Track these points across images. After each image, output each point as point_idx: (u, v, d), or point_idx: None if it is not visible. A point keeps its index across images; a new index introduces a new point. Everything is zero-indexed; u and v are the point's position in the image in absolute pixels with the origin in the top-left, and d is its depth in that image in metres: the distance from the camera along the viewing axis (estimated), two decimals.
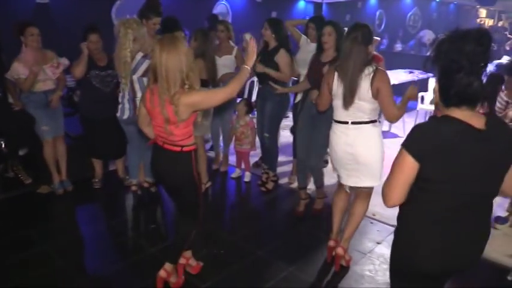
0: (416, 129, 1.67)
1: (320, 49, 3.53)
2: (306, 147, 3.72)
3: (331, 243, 3.23)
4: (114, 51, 3.54)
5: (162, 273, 2.76)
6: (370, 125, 2.85)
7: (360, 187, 3.03)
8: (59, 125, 4.09)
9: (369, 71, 2.71)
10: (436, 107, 1.75)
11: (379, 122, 2.99)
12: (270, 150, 4.40)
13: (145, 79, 3.45)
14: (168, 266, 2.78)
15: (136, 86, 3.56)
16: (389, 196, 1.72)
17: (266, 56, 4.06)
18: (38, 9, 5.55)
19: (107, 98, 3.90)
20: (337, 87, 2.82)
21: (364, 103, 2.77)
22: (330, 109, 3.09)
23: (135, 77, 3.53)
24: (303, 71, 3.97)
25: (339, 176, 3.12)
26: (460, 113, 1.60)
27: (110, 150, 4.23)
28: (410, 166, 1.64)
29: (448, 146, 1.57)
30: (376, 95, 2.73)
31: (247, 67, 2.50)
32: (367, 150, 2.87)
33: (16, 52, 3.82)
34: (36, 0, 5.52)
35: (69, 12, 5.67)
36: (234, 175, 4.73)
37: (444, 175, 1.60)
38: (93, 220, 3.93)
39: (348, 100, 2.75)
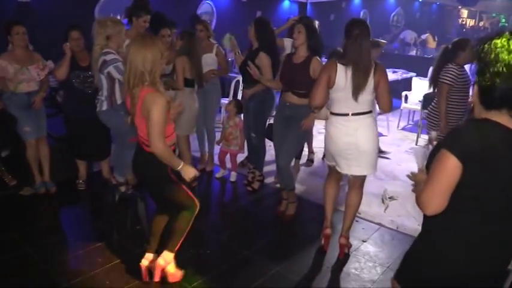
0: (458, 131, 1.62)
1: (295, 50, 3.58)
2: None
3: (327, 231, 3.34)
4: None
5: (144, 261, 2.85)
6: (369, 115, 3.01)
7: (359, 176, 3.18)
8: (41, 126, 4.03)
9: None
10: (473, 109, 1.67)
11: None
12: (257, 150, 4.41)
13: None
14: (148, 255, 2.89)
15: (103, 83, 3.66)
16: (430, 203, 1.61)
17: (250, 57, 4.06)
18: (20, 8, 5.46)
19: (89, 98, 3.86)
20: (345, 80, 2.89)
21: (366, 95, 2.92)
22: (303, 110, 3.27)
23: (101, 74, 3.61)
24: None
25: (330, 168, 3.27)
26: (500, 117, 1.57)
27: (95, 151, 4.19)
28: (455, 168, 1.55)
29: (490, 149, 1.54)
30: (376, 86, 2.92)
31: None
32: (368, 139, 3.02)
33: (1, 51, 3.77)
34: None
35: (52, 11, 5.59)
36: (218, 175, 4.74)
37: (483, 180, 1.57)
38: (77, 222, 3.88)
39: (359, 92, 2.87)
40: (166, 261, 2.84)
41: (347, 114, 2.97)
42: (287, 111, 3.66)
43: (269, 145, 4.52)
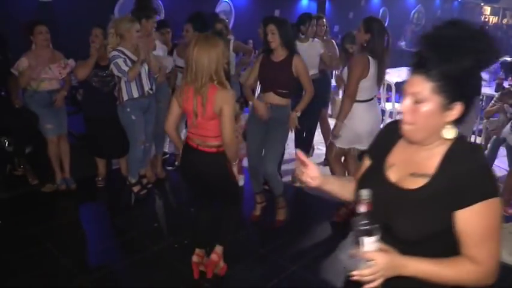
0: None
1: (268, 49, 3.46)
2: (258, 154, 3.63)
3: (352, 206, 3.45)
4: None
5: (195, 258, 2.93)
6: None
7: None
8: (62, 123, 4.11)
9: None
10: None
11: None
12: None
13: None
14: (199, 251, 2.96)
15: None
16: (495, 270, 1.23)
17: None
18: (42, 8, 5.56)
19: (107, 97, 3.91)
20: (374, 71, 3.35)
21: None
22: (285, 110, 3.43)
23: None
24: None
25: (340, 152, 3.67)
26: None
27: (113, 149, 4.24)
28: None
29: None
30: None
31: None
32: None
33: (22, 51, 3.84)
34: None
35: (72, 10, 5.69)
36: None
37: None
38: (97, 218, 3.95)
39: (382, 80, 3.51)
40: (219, 255, 2.92)
41: (372, 99, 3.49)
42: (269, 114, 3.49)
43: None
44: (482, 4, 16.35)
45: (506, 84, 5.91)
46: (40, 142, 4.01)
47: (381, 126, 3.49)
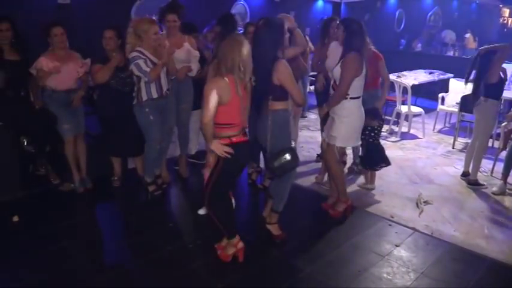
0: None
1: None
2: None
3: (350, 202, 3.95)
4: None
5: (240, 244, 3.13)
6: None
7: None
8: (79, 123, 4.16)
9: None
10: None
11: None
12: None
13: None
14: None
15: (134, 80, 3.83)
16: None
17: None
18: (60, 9, 5.64)
19: (124, 96, 3.95)
20: (365, 69, 3.60)
21: None
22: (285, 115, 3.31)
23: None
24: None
25: (339, 151, 3.99)
26: None
27: (129, 148, 4.27)
28: None
29: None
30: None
31: None
32: None
33: (40, 52, 3.90)
34: (58, 0, 5.61)
35: (90, 12, 5.75)
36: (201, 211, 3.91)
37: None
38: (112, 218, 3.98)
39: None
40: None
41: (361, 96, 3.68)
42: None
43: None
44: (501, 6, 16.08)
45: None
46: (58, 142, 4.06)
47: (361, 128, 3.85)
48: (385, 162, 4.36)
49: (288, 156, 3.13)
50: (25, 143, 3.97)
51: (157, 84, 3.81)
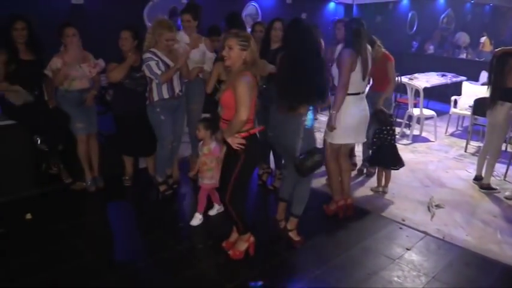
0: None
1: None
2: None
3: (342, 202, 3.92)
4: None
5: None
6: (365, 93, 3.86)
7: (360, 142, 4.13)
8: (92, 122, 4.20)
9: None
10: None
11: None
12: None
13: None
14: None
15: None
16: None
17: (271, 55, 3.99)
18: (74, 10, 5.70)
19: (138, 96, 3.98)
20: (359, 65, 3.60)
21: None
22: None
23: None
24: None
25: (335, 148, 3.81)
26: None
27: (142, 147, 4.30)
28: None
29: None
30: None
31: None
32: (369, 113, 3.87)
33: (54, 52, 3.96)
34: (72, 1, 5.68)
35: (103, 12, 5.81)
36: (211, 212, 3.88)
37: None
38: (123, 217, 4.01)
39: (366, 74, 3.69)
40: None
41: (362, 92, 3.74)
42: None
43: None
44: None
45: None
46: (71, 141, 4.10)
47: (367, 123, 3.88)
48: (397, 164, 4.34)
49: (317, 157, 3.19)
50: (38, 142, 4.01)
51: (169, 85, 3.84)
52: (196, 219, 3.68)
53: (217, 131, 3.46)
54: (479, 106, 5.35)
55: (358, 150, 5.07)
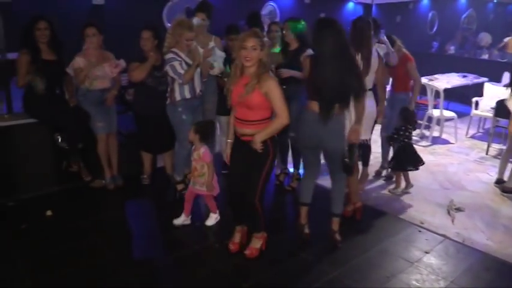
0: None
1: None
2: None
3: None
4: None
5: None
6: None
7: None
8: (112, 121, 4.26)
9: None
10: None
11: None
12: (295, 150, 4.36)
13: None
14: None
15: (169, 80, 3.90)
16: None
17: (289, 57, 4.06)
18: (94, 10, 5.78)
19: (159, 95, 4.01)
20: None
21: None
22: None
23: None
24: None
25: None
26: None
27: (161, 144, 4.36)
28: None
29: None
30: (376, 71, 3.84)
31: None
32: None
33: (75, 52, 4.02)
34: (93, 1, 5.76)
35: (123, 13, 5.88)
36: (176, 221, 3.66)
37: None
38: (141, 215, 4.04)
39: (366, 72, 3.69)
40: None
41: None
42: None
43: None
44: None
45: None
46: (91, 139, 4.16)
47: (373, 121, 3.94)
48: (414, 164, 4.29)
49: (357, 151, 3.36)
50: (59, 140, 4.08)
51: (191, 85, 3.87)
52: (212, 219, 3.69)
53: (207, 135, 3.56)
54: (502, 108, 5.24)
55: (377, 152, 5.01)
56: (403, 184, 4.49)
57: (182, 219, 3.66)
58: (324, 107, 3.11)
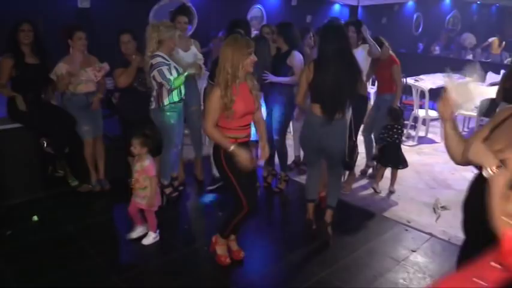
0: None
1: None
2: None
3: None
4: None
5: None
6: None
7: None
8: (98, 125, 4.24)
9: None
10: None
11: None
12: (282, 152, 4.43)
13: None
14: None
15: (153, 84, 3.79)
16: None
17: (278, 59, 4.16)
18: (80, 13, 5.75)
19: (144, 98, 3.96)
20: None
21: None
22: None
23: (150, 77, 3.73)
24: None
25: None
26: None
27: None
28: None
29: None
30: None
31: None
32: None
33: (59, 56, 3.99)
34: (79, 5, 5.72)
35: (109, 16, 5.84)
36: (133, 235, 3.49)
37: None
38: (129, 219, 4.01)
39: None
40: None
41: None
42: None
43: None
44: None
45: None
46: (77, 144, 4.13)
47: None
48: (402, 164, 4.35)
49: (356, 148, 3.62)
50: (44, 145, 4.04)
51: (178, 88, 3.84)
52: (149, 238, 3.42)
53: (157, 148, 3.64)
54: (485, 107, 5.33)
55: (362, 152, 5.05)
56: (384, 182, 4.56)
57: (138, 231, 3.48)
58: (327, 110, 3.18)
